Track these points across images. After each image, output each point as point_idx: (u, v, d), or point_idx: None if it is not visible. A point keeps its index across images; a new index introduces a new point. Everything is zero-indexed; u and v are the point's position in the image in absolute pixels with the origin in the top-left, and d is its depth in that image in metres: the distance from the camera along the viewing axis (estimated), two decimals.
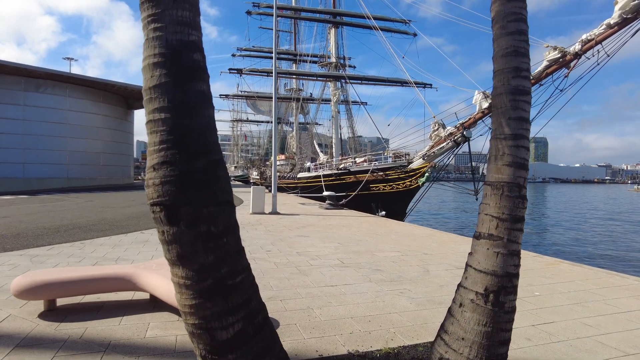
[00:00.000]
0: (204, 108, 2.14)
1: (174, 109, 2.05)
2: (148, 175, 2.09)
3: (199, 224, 2.04)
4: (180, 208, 2.01)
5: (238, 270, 2.19)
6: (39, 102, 29.41)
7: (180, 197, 2.02)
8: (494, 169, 2.75)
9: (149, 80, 2.11)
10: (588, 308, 4.27)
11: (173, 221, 2.02)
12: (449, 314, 2.81)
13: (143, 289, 4.02)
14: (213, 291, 2.09)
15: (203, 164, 2.08)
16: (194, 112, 2.10)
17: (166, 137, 2.04)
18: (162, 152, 2.04)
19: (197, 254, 2.06)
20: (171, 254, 2.10)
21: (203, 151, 2.10)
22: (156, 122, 2.08)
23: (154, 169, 2.07)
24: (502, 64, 2.81)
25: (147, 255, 6.58)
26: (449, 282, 5.22)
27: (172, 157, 2.03)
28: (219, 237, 2.10)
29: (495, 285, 2.62)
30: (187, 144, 2.06)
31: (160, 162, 2.04)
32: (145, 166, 14.18)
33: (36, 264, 5.88)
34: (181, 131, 2.05)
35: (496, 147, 2.76)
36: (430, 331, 3.58)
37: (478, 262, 2.71)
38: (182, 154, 2.04)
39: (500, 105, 2.78)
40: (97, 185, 32.77)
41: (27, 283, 3.74)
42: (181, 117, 2.06)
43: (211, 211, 2.08)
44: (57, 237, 8.18)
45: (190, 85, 2.11)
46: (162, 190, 2.03)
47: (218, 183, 2.12)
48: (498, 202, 2.69)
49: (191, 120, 2.09)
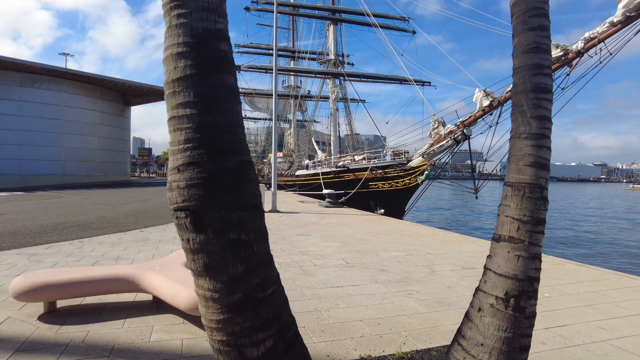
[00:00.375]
0: (232, 103, 1.97)
1: (200, 103, 1.88)
2: (171, 178, 1.93)
3: (228, 230, 1.87)
4: (208, 213, 1.85)
5: (269, 281, 2.03)
6: (35, 97, 29.11)
7: (208, 202, 1.85)
8: (514, 169, 2.66)
9: (172, 72, 1.93)
10: (600, 310, 4.20)
11: (200, 228, 1.85)
12: (467, 319, 2.72)
13: (146, 291, 3.90)
14: (243, 305, 1.93)
15: (232, 164, 1.91)
16: (222, 107, 1.93)
17: (192, 135, 1.87)
18: (188, 151, 1.87)
19: (226, 264, 1.90)
20: (197, 264, 1.93)
21: (232, 150, 1.93)
22: (180, 119, 1.90)
23: (178, 171, 1.89)
24: (522, 61, 2.71)
25: (148, 255, 6.47)
26: (456, 283, 5.14)
27: (199, 157, 1.86)
28: (250, 245, 1.93)
29: (516, 290, 2.53)
30: (215, 143, 1.89)
31: (186, 162, 1.86)
32: (140, 163, 13.94)
33: (34, 263, 5.75)
34: (208, 128, 1.88)
35: (517, 147, 2.66)
36: (442, 334, 3.49)
37: (498, 266, 2.62)
38: (209, 153, 1.86)
39: (520, 104, 2.69)
40: (93, 182, 32.54)
41: (27, 284, 3.62)
42: (208, 113, 1.89)
43: (241, 216, 1.90)
44: (55, 235, 8.04)
45: (218, 78, 1.93)
46: (188, 193, 1.86)
47: (248, 185, 1.96)
48: (519, 204, 2.59)
49: (219, 117, 1.91)
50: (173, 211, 1.93)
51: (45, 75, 29.62)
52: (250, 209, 1.93)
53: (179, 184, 1.90)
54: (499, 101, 16.19)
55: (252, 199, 1.95)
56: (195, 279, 2.00)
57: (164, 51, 1.97)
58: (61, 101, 30.76)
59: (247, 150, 2.02)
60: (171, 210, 1.94)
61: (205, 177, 1.85)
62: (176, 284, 3.57)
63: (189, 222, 1.87)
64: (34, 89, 29.18)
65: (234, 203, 1.89)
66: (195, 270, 1.96)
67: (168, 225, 9.92)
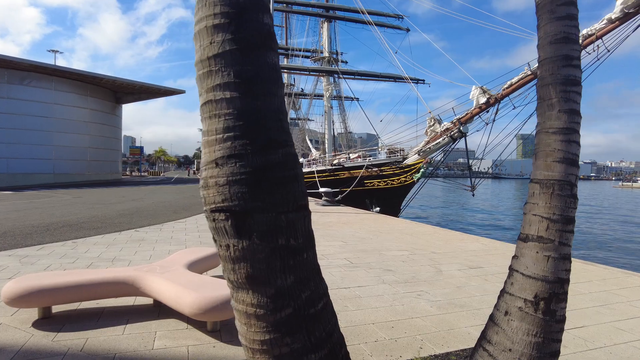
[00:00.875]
0: (276, 86, 1.72)
1: (242, 85, 1.62)
2: (208, 173, 1.67)
3: (276, 235, 1.63)
4: (253, 215, 1.59)
5: (320, 294, 1.79)
6: (24, 95, 28.52)
7: (254, 201, 1.60)
8: (542, 165, 2.52)
9: (207, 48, 1.66)
10: (615, 310, 4.10)
11: (243, 232, 1.60)
12: (492, 323, 2.58)
13: (147, 294, 3.72)
14: (293, 322, 1.68)
15: (279, 157, 1.66)
16: (267, 90, 1.67)
17: (233, 123, 1.60)
18: (229, 142, 1.61)
19: (273, 275, 1.64)
20: (238, 274, 1.68)
21: (279, 141, 1.68)
22: (218, 103, 1.64)
23: (216, 165, 1.63)
24: (550, 52, 2.57)
25: (145, 255, 6.26)
26: (465, 283, 5.02)
27: (241, 148, 1.60)
28: (299, 252, 1.68)
29: (546, 292, 2.40)
30: (261, 132, 1.63)
31: (227, 155, 1.61)
32: (131, 161, 13.52)
33: (26, 265, 5.52)
34: (253, 115, 1.62)
35: (545, 142, 2.53)
36: (459, 337, 3.36)
37: (526, 267, 2.48)
38: (254, 144, 1.61)
39: (548, 97, 2.55)
40: (84, 181, 32.03)
41: (20, 289, 3.41)
42: (252, 97, 1.63)
43: (290, 218, 1.66)
44: (47, 236, 7.78)
45: (262, 56, 1.67)
46: (229, 192, 1.61)
47: (297, 182, 1.71)
48: (548, 202, 2.46)
49: (264, 101, 1.65)
50: (209, 212, 1.69)
51: (34, 72, 29.01)
52: (299, 209, 1.70)
53: (217, 181, 1.64)
54: (496, 98, 16.17)
55: (301, 198, 1.73)
56: (234, 292, 1.75)
57: (196, 24, 1.71)
58: (51, 99, 30.18)
59: (292, 142, 1.79)
60: (206, 211, 1.70)
61: (249, 173, 1.61)
62: (180, 287, 3.39)
63: (229, 225, 1.62)
64: (23, 86, 28.59)
65: (283, 203, 1.65)
66: (236, 281, 1.71)
67: (164, 225, 9.70)
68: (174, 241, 7.56)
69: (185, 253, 4.69)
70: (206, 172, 1.69)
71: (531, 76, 14.90)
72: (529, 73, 15.01)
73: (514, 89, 15.53)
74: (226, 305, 3.15)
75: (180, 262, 4.27)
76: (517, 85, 15.39)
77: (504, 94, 15.88)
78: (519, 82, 15.31)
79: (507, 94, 15.75)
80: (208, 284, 3.51)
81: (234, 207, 1.61)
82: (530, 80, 15.05)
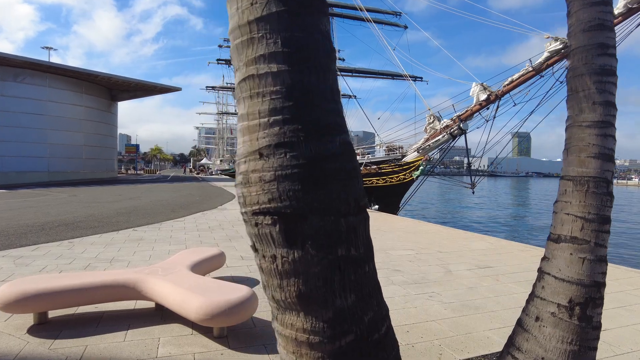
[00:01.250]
0: (330, 58, 1.43)
1: (293, 56, 1.31)
2: (249, 167, 1.36)
3: (336, 243, 1.33)
4: (309, 218, 1.30)
5: (382, 315, 1.50)
6: (17, 92, 28.10)
7: (310, 201, 1.30)
8: (575, 161, 2.36)
9: (248, 10, 1.35)
10: (635, 312, 3.96)
11: (295, 240, 1.31)
12: (521, 328, 2.42)
13: (149, 298, 3.54)
14: (355, 351, 1.38)
15: (338, 146, 1.36)
16: (321, 63, 1.37)
17: (282, 104, 1.29)
18: (276, 127, 1.31)
19: (332, 293, 1.35)
20: (286, 293, 1.38)
21: (337, 127, 1.38)
22: (263, 79, 1.33)
23: (261, 156, 1.32)
24: (583, 40, 2.40)
25: (144, 256, 6.06)
26: (477, 284, 4.86)
27: (293, 135, 1.29)
28: (361, 265, 1.39)
29: (582, 297, 2.24)
30: (315, 114, 1.32)
31: (274, 143, 1.30)
32: (127, 160, 13.03)
33: (21, 266, 5.31)
34: (305, 93, 1.32)
35: (578, 137, 2.36)
36: (478, 342, 3.21)
37: (558, 270, 2.32)
38: (308, 130, 1.30)
39: (582, 88, 2.38)
40: (79, 179, 31.64)
41: (14, 293, 3.22)
42: (304, 71, 1.32)
43: (351, 223, 1.36)
44: (43, 236, 7.56)
45: (313, 21, 1.37)
46: (277, 189, 1.30)
47: (357, 177, 1.43)
48: (582, 200, 2.29)
49: (318, 76, 1.34)
50: (250, 215, 1.38)
51: (28, 69, 28.58)
52: (360, 211, 1.41)
53: (262, 176, 1.33)
54: (496, 95, 16.06)
55: (362, 197, 1.44)
56: (280, 313, 1.46)
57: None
58: (45, 96, 29.77)
59: (347, 128, 1.49)
60: (246, 213, 1.40)
61: (303, 165, 1.30)
62: (184, 291, 3.21)
63: (278, 231, 1.33)
64: (16, 83, 28.15)
65: (343, 203, 1.35)
66: (283, 301, 1.40)
67: (162, 224, 9.49)
68: (173, 241, 7.37)
69: (187, 254, 4.51)
70: (247, 165, 1.39)
71: (532, 72, 14.79)
72: (530, 69, 14.90)
73: (515, 86, 15.43)
74: (234, 310, 2.98)
75: (183, 263, 4.08)
76: (518, 81, 15.29)
77: (505, 91, 15.76)
78: (520, 78, 15.21)
79: (508, 91, 15.64)
80: (214, 287, 3.33)
81: (284, 209, 1.32)
82: (531, 77, 14.95)
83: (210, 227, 9.11)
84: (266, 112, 1.34)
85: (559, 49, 13.40)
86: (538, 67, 14.16)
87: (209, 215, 11.48)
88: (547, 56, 13.87)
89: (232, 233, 8.33)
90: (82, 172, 33.07)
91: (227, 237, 7.78)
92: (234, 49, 1.42)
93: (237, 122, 1.43)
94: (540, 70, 14.17)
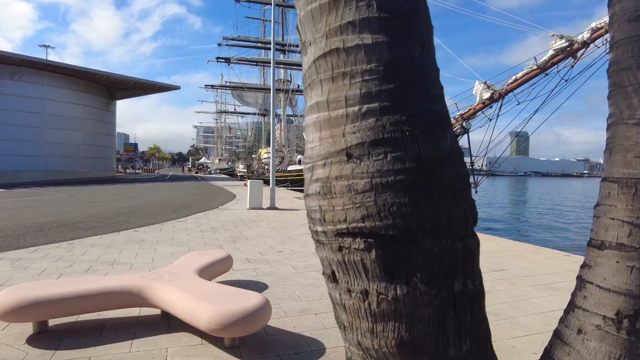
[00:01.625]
0: (431, 29, 1.13)
1: (392, 23, 1.01)
2: (329, 172, 1.06)
3: (452, 275, 1.05)
4: (419, 242, 1.00)
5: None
6: (15, 90, 27.82)
7: (420, 219, 1.00)
8: (620, 161, 2.17)
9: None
10: None
11: (398, 271, 1.00)
12: (561, 341, 2.24)
13: (155, 306, 3.35)
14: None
15: (448, 145, 1.08)
16: (426, 34, 1.08)
17: (379, 86, 0.99)
18: (371, 118, 1.01)
19: (445, 341, 1.07)
20: (382, 340, 1.08)
21: (447, 118, 1.11)
22: (352, 53, 1.02)
23: (349, 157, 1.01)
24: (628, 31, 2.21)
25: (147, 258, 5.87)
26: (492, 287, 4.69)
27: (395, 129, 0.98)
28: (477, 302, 1.14)
29: (631, 308, 2.06)
30: (426, 103, 1.04)
31: (369, 141, 1.00)
32: (125, 159, 12.60)
33: (19, 269, 5.12)
34: (410, 72, 1.04)
35: (623, 135, 2.17)
36: (504, 351, 3.05)
37: (603, 279, 2.14)
38: (416, 122, 0.99)
39: (628, 82, 2.19)
40: (78, 178, 31.38)
41: (13, 301, 3.03)
42: (409, 43, 1.02)
43: (468, 247, 1.10)
44: (41, 237, 7.35)
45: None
46: (376, 202, 0.99)
47: (469, 187, 1.18)
48: (629, 204, 2.11)
49: (423, 50, 1.04)
50: (332, 236, 1.08)
51: (26, 67, 28.30)
52: (473, 232, 1.13)
53: (352, 184, 1.02)
54: (500, 94, 15.88)
55: (476, 213, 1.17)
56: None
57: None
58: (43, 94, 29.49)
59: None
60: (325, 233, 1.08)
61: (411, 171, 0.98)
62: (194, 298, 3.03)
63: (374, 258, 1.02)
64: (14, 81, 27.87)
65: (461, 221, 1.06)
66: (377, 350, 1.09)
67: (163, 225, 9.29)
68: (175, 242, 7.17)
69: (193, 257, 4.32)
70: (327, 169, 1.07)
71: (537, 70, 14.61)
72: (535, 67, 14.72)
73: (519, 84, 15.25)
74: (248, 320, 2.79)
75: (190, 267, 3.90)
76: (523, 80, 15.11)
77: (509, 89, 15.58)
78: (525, 76, 15.03)
79: (512, 89, 15.46)
80: (225, 294, 3.14)
81: (384, 229, 0.99)
82: (535, 75, 14.76)
83: (213, 228, 8.92)
84: (357, 99, 1.03)
85: (565, 47, 13.24)
86: (543, 65, 13.99)
87: (210, 215, 11.29)
88: (552, 54, 13.71)
89: (236, 234, 8.15)
90: (80, 171, 32.81)
91: (230, 239, 7.60)
92: (306, 17, 1.12)
93: (306, 114, 1.14)
94: (545, 68, 14.01)
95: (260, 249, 6.65)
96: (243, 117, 72.70)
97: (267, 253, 6.34)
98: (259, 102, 51.44)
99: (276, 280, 4.79)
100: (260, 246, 6.87)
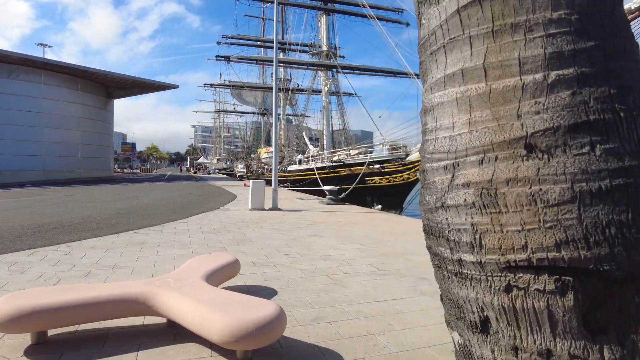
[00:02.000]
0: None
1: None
2: (486, 172, 0.77)
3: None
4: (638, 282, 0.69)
5: None
6: (11, 89, 27.55)
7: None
8: None
9: None
10: None
11: (601, 324, 0.71)
12: None
13: (162, 314, 3.15)
14: None
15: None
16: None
17: (573, 44, 0.68)
18: (565, 91, 0.71)
19: None
20: None
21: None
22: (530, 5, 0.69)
23: (530, 150, 0.70)
24: None
25: (149, 262, 5.67)
26: None
27: (605, 106, 0.67)
28: None
29: None
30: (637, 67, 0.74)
31: (565, 125, 0.68)
32: (122, 158, 12.35)
33: (15, 273, 4.91)
34: (615, 26, 0.72)
35: None
36: None
37: None
38: (632, 98, 0.70)
39: None
40: (75, 178, 31.12)
41: (10, 311, 2.82)
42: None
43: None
44: (39, 239, 7.13)
45: None
46: (581, 222, 0.67)
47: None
48: None
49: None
50: (498, 271, 0.78)
51: (23, 66, 28.04)
52: None
53: (537, 192, 0.70)
54: None
55: None
56: None
57: None
58: (40, 93, 29.21)
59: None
60: (481, 264, 0.77)
61: (634, 170, 0.68)
62: (205, 307, 2.82)
63: (571, 305, 0.70)
64: (10, 80, 27.60)
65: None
66: None
67: (164, 226, 9.08)
68: (178, 244, 6.97)
69: (199, 261, 4.12)
70: (487, 169, 0.77)
71: None
72: None
73: None
74: (264, 331, 2.59)
75: (197, 272, 3.70)
76: None
77: None
78: None
79: None
80: (237, 302, 2.93)
81: (595, 263, 0.68)
82: None
83: (215, 229, 8.71)
84: (539, 62, 0.72)
85: None
86: None
87: (212, 216, 11.08)
88: None
89: (239, 236, 7.94)
90: (78, 171, 32.54)
91: (234, 241, 7.39)
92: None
93: (432, 90, 0.79)
94: None
95: (266, 251, 6.45)
96: (242, 116, 72.48)
97: (273, 256, 6.14)
98: (259, 101, 51.21)
99: (285, 286, 4.59)
100: (266, 249, 6.67)
